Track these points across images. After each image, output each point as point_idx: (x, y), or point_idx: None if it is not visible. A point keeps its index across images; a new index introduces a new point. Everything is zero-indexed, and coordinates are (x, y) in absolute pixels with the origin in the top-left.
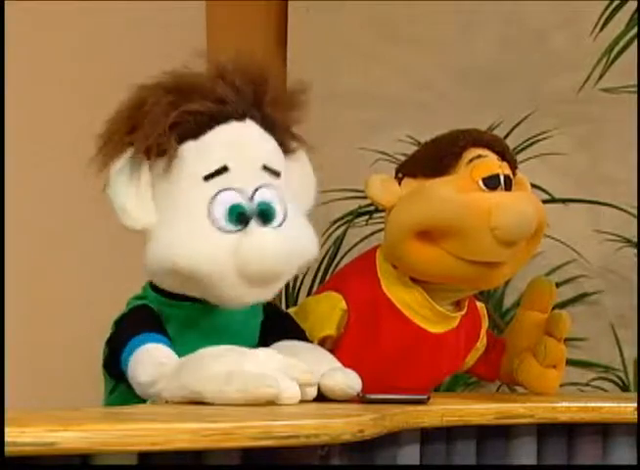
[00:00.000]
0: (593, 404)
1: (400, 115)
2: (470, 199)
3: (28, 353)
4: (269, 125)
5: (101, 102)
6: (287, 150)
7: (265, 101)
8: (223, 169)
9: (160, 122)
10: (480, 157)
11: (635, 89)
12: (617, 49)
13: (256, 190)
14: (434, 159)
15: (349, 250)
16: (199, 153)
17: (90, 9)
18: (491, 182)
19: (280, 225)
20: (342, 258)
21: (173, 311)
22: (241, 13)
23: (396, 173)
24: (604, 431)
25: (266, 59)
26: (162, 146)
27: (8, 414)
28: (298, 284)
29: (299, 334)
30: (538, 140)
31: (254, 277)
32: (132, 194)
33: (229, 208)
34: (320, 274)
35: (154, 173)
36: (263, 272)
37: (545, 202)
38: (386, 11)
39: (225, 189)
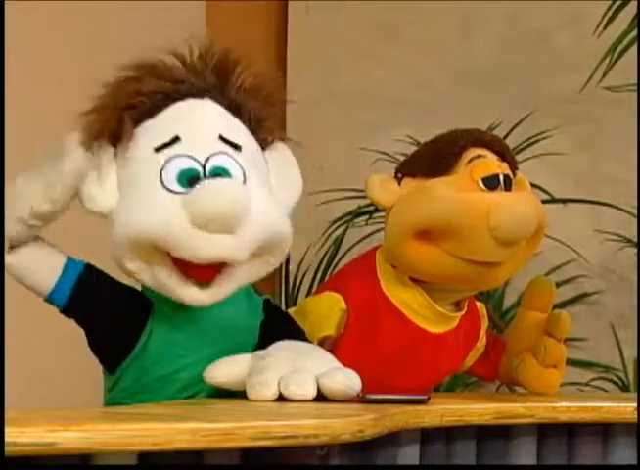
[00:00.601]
0: (593, 404)
1: (400, 115)
2: (469, 199)
3: (28, 354)
4: (235, 110)
5: None
6: (262, 142)
7: (230, 84)
8: (175, 139)
9: (112, 106)
10: (479, 157)
11: (635, 88)
12: (619, 49)
13: (210, 157)
14: (434, 158)
15: (349, 250)
16: (151, 129)
17: (90, 9)
18: (491, 182)
19: None
20: (341, 257)
21: (174, 311)
22: (241, 13)
23: (396, 173)
24: (604, 431)
25: (260, 57)
26: (117, 127)
27: (8, 414)
28: (298, 284)
29: (299, 334)
30: (538, 140)
31: (206, 219)
32: (93, 179)
33: (179, 171)
34: (320, 274)
35: (115, 157)
36: (215, 212)
37: (545, 202)
38: (386, 11)
39: (176, 156)
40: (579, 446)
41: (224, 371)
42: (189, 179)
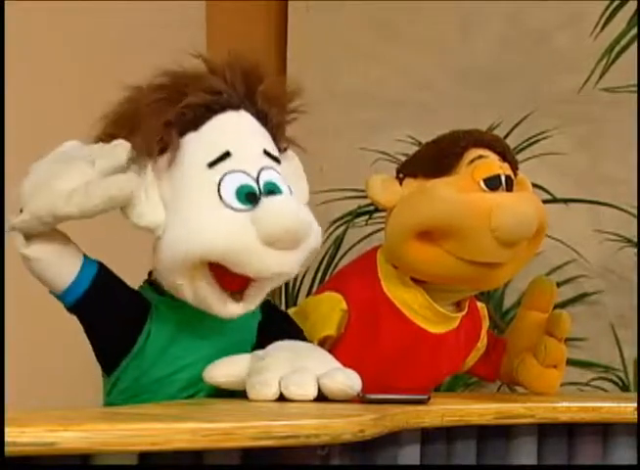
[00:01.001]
0: (593, 404)
1: (400, 115)
2: (470, 199)
3: (28, 353)
4: (262, 119)
5: (101, 102)
6: (279, 148)
7: (257, 95)
8: (226, 155)
9: (158, 119)
10: (481, 157)
11: (635, 89)
12: (617, 49)
13: (261, 171)
14: (436, 159)
15: (349, 250)
16: (200, 142)
17: (90, 9)
18: (492, 183)
19: None
20: (341, 257)
21: (171, 311)
22: (241, 13)
23: (397, 173)
24: (604, 431)
25: (260, 57)
26: (163, 142)
27: (8, 414)
28: (298, 284)
29: (298, 334)
30: (538, 140)
31: (277, 237)
32: (140, 194)
33: (237, 188)
34: (320, 274)
35: (157, 171)
36: (285, 230)
37: (546, 202)
38: (386, 11)
39: (231, 172)
40: (579, 446)
41: (223, 371)
42: (247, 195)
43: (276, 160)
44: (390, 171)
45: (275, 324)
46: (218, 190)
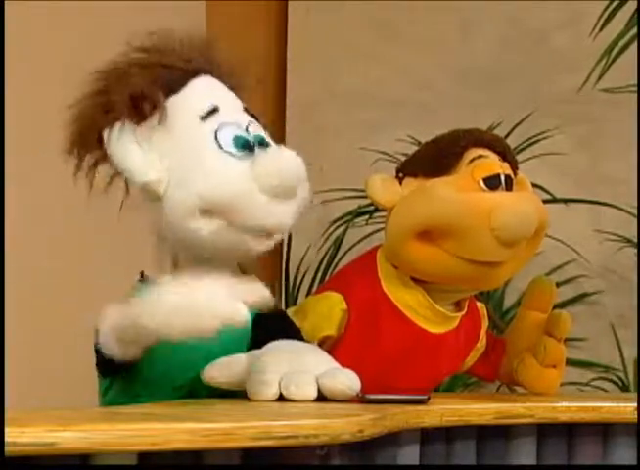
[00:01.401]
0: (593, 404)
1: (400, 115)
2: (470, 199)
3: (28, 353)
4: (231, 88)
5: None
6: None
7: (218, 64)
8: (215, 110)
9: (141, 78)
10: (480, 157)
11: (635, 89)
12: (616, 49)
13: (248, 125)
14: (435, 158)
15: (349, 250)
16: (185, 100)
17: (90, 9)
18: (492, 182)
19: None
20: (341, 257)
21: None
22: (241, 13)
23: (397, 173)
24: (604, 431)
25: (260, 57)
26: (148, 98)
27: (8, 414)
28: (298, 284)
29: (294, 332)
30: (538, 140)
31: (278, 188)
32: (138, 152)
33: (234, 137)
34: (320, 274)
35: (147, 130)
36: (285, 181)
37: (546, 201)
38: (386, 11)
39: (224, 123)
40: (579, 446)
41: (223, 372)
42: (243, 144)
43: (256, 118)
44: (390, 171)
45: (272, 321)
46: (216, 139)
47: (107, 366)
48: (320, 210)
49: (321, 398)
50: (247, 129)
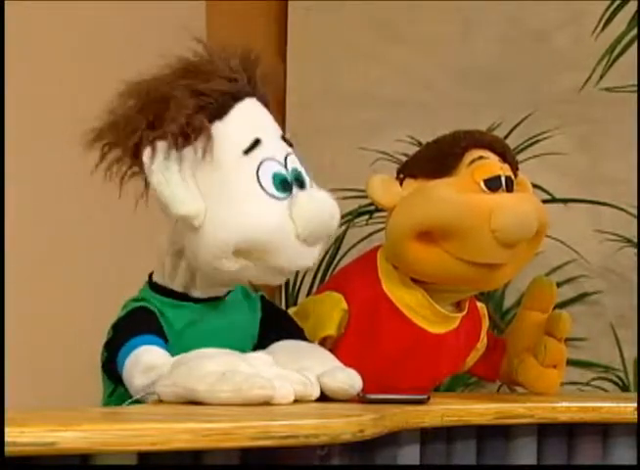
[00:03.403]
0: (593, 404)
1: (400, 115)
2: (471, 200)
3: (28, 353)
4: (265, 104)
5: (101, 102)
6: None
7: (257, 80)
8: (257, 142)
9: (186, 105)
10: (481, 158)
11: (635, 89)
12: (618, 49)
13: (286, 157)
14: (436, 160)
15: (349, 250)
16: (229, 130)
17: (90, 9)
18: (493, 183)
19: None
20: (341, 257)
21: (177, 312)
22: (241, 13)
23: (398, 174)
24: (604, 431)
25: (247, 44)
26: (195, 127)
27: (8, 414)
28: (298, 284)
29: (298, 333)
30: (539, 140)
31: (314, 234)
32: (178, 181)
33: (272, 175)
34: (320, 274)
35: (190, 159)
36: (321, 227)
37: (545, 202)
38: (386, 11)
39: (265, 159)
40: (579, 446)
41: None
42: (281, 183)
43: (290, 144)
44: (391, 171)
45: (275, 322)
46: (257, 177)
47: (114, 372)
48: None
49: (322, 397)
50: (285, 163)
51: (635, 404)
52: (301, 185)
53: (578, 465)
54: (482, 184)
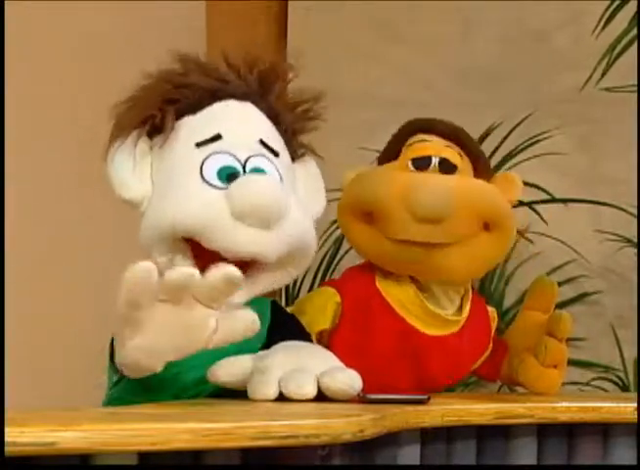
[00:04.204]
0: (593, 404)
1: (400, 115)
2: (389, 178)
3: (28, 353)
4: (273, 118)
5: (100, 101)
6: (294, 154)
7: (272, 93)
8: (217, 137)
9: (155, 97)
10: (422, 141)
11: (635, 89)
12: (618, 49)
13: (250, 157)
14: (387, 146)
15: (349, 250)
16: (194, 124)
17: (90, 8)
18: (420, 163)
19: None
20: (342, 258)
21: None
22: (241, 13)
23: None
24: (604, 431)
25: (281, 62)
26: (159, 119)
27: (8, 414)
28: (298, 284)
29: (305, 337)
30: (539, 140)
31: (246, 211)
32: (129, 167)
33: (220, 168)
34: (320, 274)
35: (153, 150)
36: (254, 205)
37: (545, 202)
38: (386, 11)
39: (217, 152)
40: (579, 446)
41: (226, 371)
42: (228, 176)
43: (274, 152)
44: None
45: (284, 327)
46: (201, 168)
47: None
48: None
49: (322, 397)
50: (246, 162)
51: (635, 404)
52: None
53: (578, 465)
54: (410, 164)
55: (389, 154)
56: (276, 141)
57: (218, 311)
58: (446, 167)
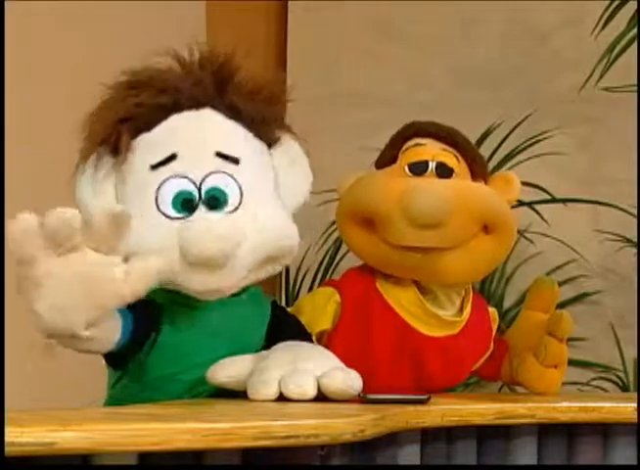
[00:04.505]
0: (593, 404)
1: (400, 115)
2: (385, 183)
3: (28, 354)
4: (235, 114)
5: (100, 101)
6: (269, 141)
7: (228, 89)
8: (171, 157)
9: (110, 116)
10: (418, 145)
11: (635, 89)
12: (617, 49)
13: (206, 177)
14: (384, 150)
15: (349, 250)
16: (149, 144)
17: (90, 8)
18: (417, 168)
19: (233, 211)
20: (342, 258)
21: (182, 313)
22: (241, 13)
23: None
24: (604, 431)
25: (259, 57)
26: (114, 140)
27: (8, 414)
28: (298, 284)
29: (305, 337)
30: (539, 140)
31: (195, 261)
32: (89, 189)
33: (175, 194)
34: (320, 274)
35: (115, 170)
36: (202, 256)
37: (545, 202)
38: (386, 11)
39: (172, 176)
40: (579, 447)
41: (226, 371)
42: (183, 202)
43: (233, 160)
44: None
45: (284, 327)
46: (156, 195)
47: (117, 359)
48: (320, 210)
49: (322, 397)
50: (201, 183)
51: (635, 404)
52: (214, 206)
53: (578, 465)
54: (407, 169)
55: (386, 159)
56: (238, 144)
57: (119, 260)
58: (443, 171)
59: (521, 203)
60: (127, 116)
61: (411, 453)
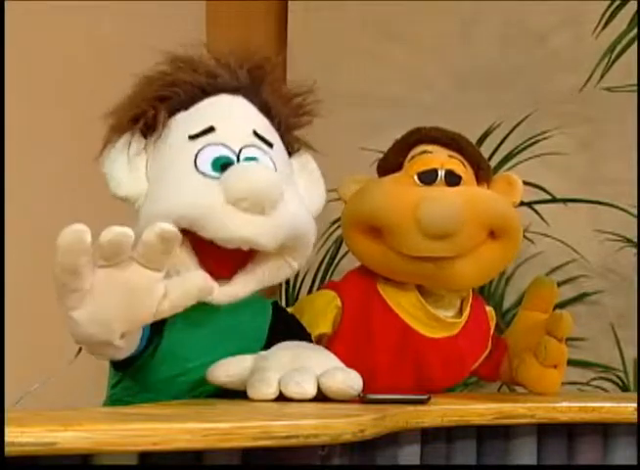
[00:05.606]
0: (593, 404)
1: (400, 115)
2: (397, 193)
3: (28, 353)
4: (266, 111)
5: (100, 102)
6: (289, 148)
7: (263, 86)
8: (210, 129)
9: (147, 96)
10: (424, 153)
11: (635, 89)
12: (618, 49)
13: (243, 148)
14: (388, 156)
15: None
16: (186, 119)
17: (90, 8)
18: (426, 177)
19: None
20: (342, 257)
21: (185, 314)
22: (241, 13)
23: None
24: (604, 431)
25: (271, 56)
26: (151, 117)
27: (8, 414)
28: (299, 284)
29: (305, 337)
30: (539, 140)
31: (240, 195)
32: (124, 166)
33: (214, 158)
34: (320, 274)
35: (148, 148)
36: (248, 189)
37: (545, 202)
38: (386, 11)
39: (210, 144)
40: (579, 447)
41: (226, 371)
42: (223, 166)
43: (268, 143)
44: None
45: (285, 328)
46: (195, 160)
47: (123, 361)
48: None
49: (322, 397)
50: (240, 152)
51: (635, 404)
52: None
53: (578, 465)
54: (416, 178)
55: (391, 165)
56: (271, 133)
57: (162, 275)
58: (452, 179)
59: (521, 203)
60: (164, 94)
61: (411, 453)
